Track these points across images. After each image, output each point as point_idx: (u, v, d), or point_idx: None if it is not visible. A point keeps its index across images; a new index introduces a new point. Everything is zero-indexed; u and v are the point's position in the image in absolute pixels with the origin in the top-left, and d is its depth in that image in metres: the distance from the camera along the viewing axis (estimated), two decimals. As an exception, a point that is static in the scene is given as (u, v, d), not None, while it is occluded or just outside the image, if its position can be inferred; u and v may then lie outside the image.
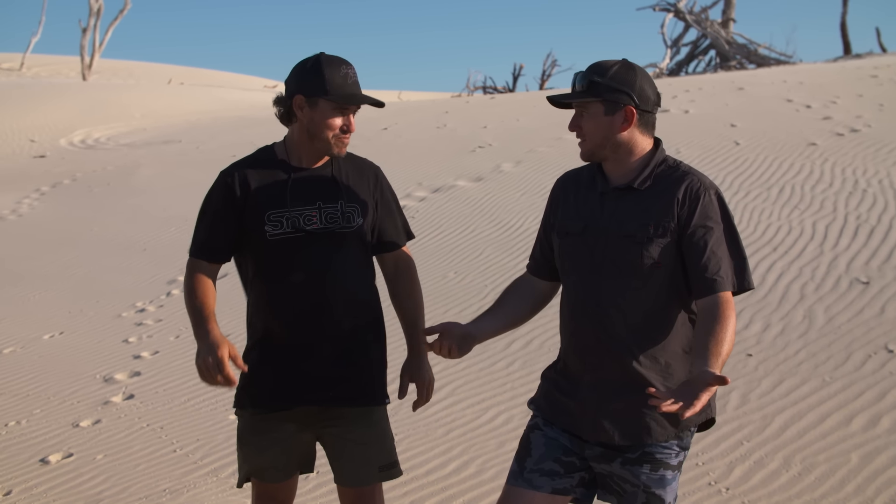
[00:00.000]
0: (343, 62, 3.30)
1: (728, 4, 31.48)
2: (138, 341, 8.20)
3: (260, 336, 3.40)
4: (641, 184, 3.01)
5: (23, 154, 19.89)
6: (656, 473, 3.01)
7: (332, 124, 3.28)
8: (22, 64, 42.68)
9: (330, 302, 3.32)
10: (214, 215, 3.38)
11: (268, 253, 3.33)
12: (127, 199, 14.52)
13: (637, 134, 3.03)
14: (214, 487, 5.29)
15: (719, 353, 2.75)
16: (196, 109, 25.78)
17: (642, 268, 2.95)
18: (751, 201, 9.59)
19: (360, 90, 3.32)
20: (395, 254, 3.53)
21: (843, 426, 5.37)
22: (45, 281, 10.66)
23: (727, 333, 2.80)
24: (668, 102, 16.00)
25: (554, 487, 3.09)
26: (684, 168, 3.05)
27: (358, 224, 3.36)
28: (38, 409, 6.73)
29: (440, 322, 3.27)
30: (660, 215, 2.96)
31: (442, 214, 10.91)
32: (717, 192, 3.00)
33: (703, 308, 2.91)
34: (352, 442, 3.38)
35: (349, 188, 3.38)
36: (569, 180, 3.26)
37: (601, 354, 3.02)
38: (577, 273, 3.08)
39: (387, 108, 3.64)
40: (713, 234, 2.93)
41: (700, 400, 2.63)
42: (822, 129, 12.50)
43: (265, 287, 3.37)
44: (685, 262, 2.96)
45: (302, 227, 3.30)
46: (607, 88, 2.97)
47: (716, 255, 2.92)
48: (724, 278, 2.90)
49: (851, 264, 7.69)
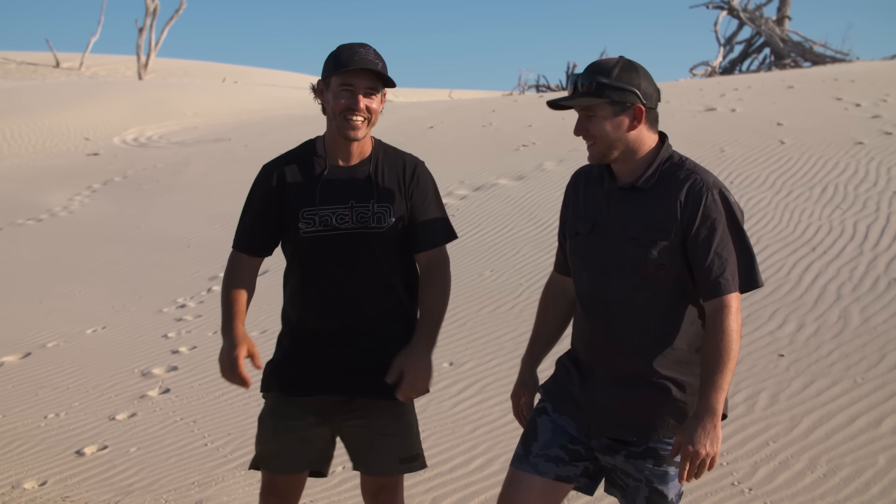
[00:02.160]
0: (360, 44, 3.31)
1: (783, 2, 31.06)
2: (177, 336, 8.33)
3: (293, 325, 3.46)
4: (646, 183, 3.01)
5: (77, 152, 20.24)
6: (660, 468, 3.02)
7: (339, 102, 3.29)
8: (81, 63, 43.41)
9: (360, 299, 3.36)
10: (255, 210, 3.45)
11: (302, 248, 3.39)
12: (174, 197, 14.74)
13: (644, 131, 3.02)
14: (242, 481, 5.36)
15: (717, 386, 2.85)
16: (248, 108, 26.06)
17: (648, 269, 2.96)
18: (792, 200, 9.48)
19: (370, 65, 3.26)
20: (429, 252, 3.46)
21: (872, 428, 5.30)
22: (90, 276, 10.86)
23: (728, 350, 2.87)
24: (715, 101, 15.86)
25: (558, 474, 3.13)
26: (689, 166, 3.03)
27: (389, 223, 3.36)
28: (76, 401, 6.87)
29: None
30: (663, 218, 2.96)
31: (482, 213, 10.93)
32: (720, 190, 2.98)
33: (709, 314, 2.93)
34: (376, 432, 3.42)
35: (382, 187, 3.38)
36: (580, 176, 3.27)
37: (609, 351, 3.05)
38: (587, 272, 3.10)
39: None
40: (717, 235, 2.92)
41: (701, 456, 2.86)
42: (871, 127, 12.31)
43: (299, 281, 3.43)
44: (690, 262, 2.95)
45: (334, 225, 3.33)
46: (614, 88, 2.95)
47: (720, 256, 2.91)
48: (730, 280, 2.90)
49: (891, 264, 7.58)
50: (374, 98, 3.32)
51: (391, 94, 34.24)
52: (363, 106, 3.29)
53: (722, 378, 2.84)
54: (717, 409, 2.84)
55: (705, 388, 2.86)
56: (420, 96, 36.35)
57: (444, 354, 7.01)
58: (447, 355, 7.01)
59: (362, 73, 3.27)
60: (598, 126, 2.99)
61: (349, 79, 3.27)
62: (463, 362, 6.88)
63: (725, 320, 2.88)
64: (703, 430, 2.84)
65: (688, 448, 2.84)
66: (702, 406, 2.86)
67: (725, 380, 2.85)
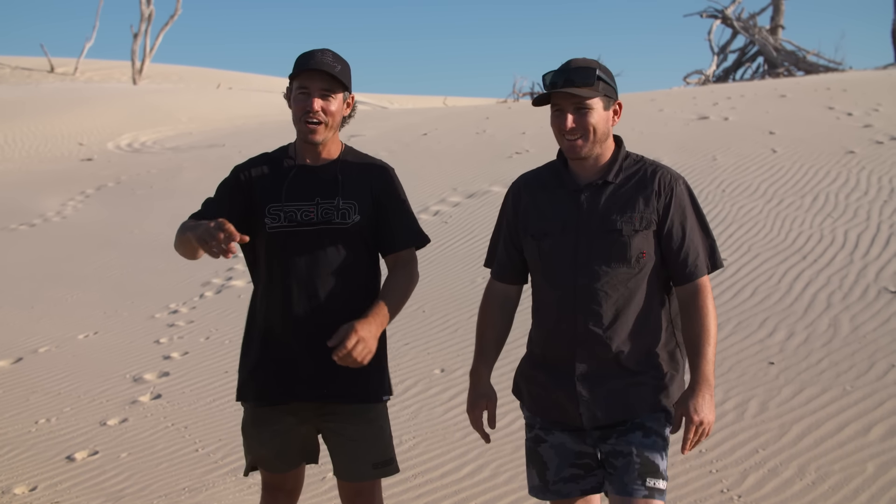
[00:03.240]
0: (320, 50, 3.36)
1: (777, 11, 31.15)
2: (169, 342, 8.33)
3: (259, 329, 3.46)
4: (615, 177, 3.15)
5: (71, 158, 20.24)
6: (648, 439, 3.11)
7: (297, 107, 3.35)
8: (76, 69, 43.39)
9: (326, 297, 3.36)
10: (219, 202, 3.45)
11: (267, 245, 3.41)
12: (168, 202, 14.73)
13: (612, 129, 3.20)
14: (233, 487, 5.37)
15: (708, 359, 3.07)
16: (242, 114, 26.07)
17: (629, 258, 3.09)
18: (784, 209, 9.52)
19: (323, 66, 3.29)
20: (397, 254, 3.50)
21: (860, 435, 5.32)
22: (83, 281, 10.86)
23: (711, 326, 3.09)
24: (708, 109, 15.89)
25: (582, 489, 3.22)
26: (650, 161, 3.22)
27: (354, 220, 3.39)
28: (67, 407, 6.87)
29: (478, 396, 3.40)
30: (641, 208, 3.10)
31: (475, 220, 10.95)
32: (684, 181, 3.21)
33: (686, 298, 3.13)
34: (346, 438, 3.44)
35: (349, 186, 3.42)
36: (529, 183, 3.33)
37: (589, 343, 3.12)
38: (563, 269, 3.15)
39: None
40: (688, 223, 3.14)
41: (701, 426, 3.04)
42: (862, 136, 12.35)
43: (264, 279, 3.45)
44: (664, 251, 3.13)
45: (299, 220, 3.36)
46: (607, 84, 3.11)
47: (693, 242, 3.13)
48: (702, 264, 3.13)
49: (881, 273, 7.61)
50: (330, 100, 3.35)
51: (385, 100, 34.26)
52: (318, 108, 3.32)
53: (710, 350, 3.06)
54: (710, 378, 3.05)
55: (697, 361, 3.06)
56: (414, 103, 36.40)
57: (435, 361, 7.02)
58: (438, 362, 7.02)
59: (315, 74, 3.31)
60: (595, 119, 3.10)
61: (304, 81, 3.33)
62: (454, 369, 6.89)
63: (705, 300, 3.10)
64: (703, 399, 3.03)
65: (692, 417, 3.01)
66: (696, 377, 3.05)
67: (713, 351, 3.06)
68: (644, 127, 14.19)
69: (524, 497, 4.97)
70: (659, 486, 3.08)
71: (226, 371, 7.24)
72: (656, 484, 3.08)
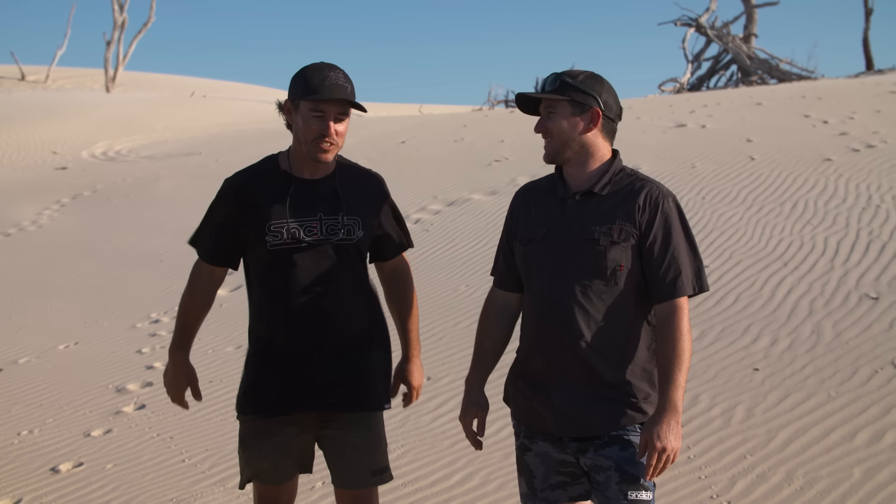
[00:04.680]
0: (329, 66, 3.33)
1: (750, 19, 31.39)
2: (151, 352, 8.28)
3: (261, 343, 3.47)
4: (602, 189, 3.14)
5: (45, 166, 20.10)
6: (626, 451, 3.10)
7: (310, 129, 3.31)
8: (47, 76, 43.03)
9: (329, 311, 3.38)
10: (218, 225, 3.48)
11: (269, 262, 3.40)
12: (145, 211, 14.65)
13: (600, 139, 3.17)
14: (221, 497, 5.34)
15: (677, 384, 2.99)
16: (218, 122, 25.98)
17: (605, 270, 3.07)
18: (763, 216, 9.59)
19: (341, 92, 3.28)
20: (395, 260, 3.61)
21: (846, 441, 5.36)
22: (62, 292, 10.77)
23: (684, 351, 3.02)
24: (685, 117, 16.00)
25: (570, 496, 3.21)
26: (642, 177, 3.19)
27: (358, 237, 3.41)
28: (50, 418, 6.81)
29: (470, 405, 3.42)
30: (622, 220, 3.08)
31: (456, 228, 10.96)
32: (674, 199, 3.15)
33: (662, 317, 3.07)
34: (349, 445, 3.45)
35: (351, 200, 3.42)
36: (528, 191, 3.35)
37: (565, 355, 3.11)
38: (541, 276, 3.17)
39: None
40: (672, 241, 3.08)
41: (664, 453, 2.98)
42: (839, 144, 12.47)
43: (266, 296, 3.44)
44: (644, 266, 3.10)
45: (302, 238, 3.36)
46: (576, 89, 3.11)
47: (676, 260, 3.07)
48: (685, 283, 3.07)
49: (861, 280, 7.68)
50: (344, 121, 3.35)
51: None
52: (333, 132, 3.31)
53: (681, 375, 2.99)
54: (678, 405, 2.98)
55: (665, 386, 3.00)
56: (390, 111, 36.37)
57: (421, 369, 7.00)
58: (425, 370, 6.99)
59: (334, 99, 3.29)
60: (556, 123, 3.13)
61: (320, 105, 3.29)
62: (440, 377, 6.89)
63: (680, 322, 3.03)
64: (668, 426, 2.96)
65: (655, 444, 2.95)
66: (663, 403, 2.99)
67: (683, 377, 3.00)
68: (621, 135, 14.06)
69: (515, 505, 4.98)
70: (642, 497, 3.08)
71: (210, 381, 7.20)
72: (638, 496, 3.08)
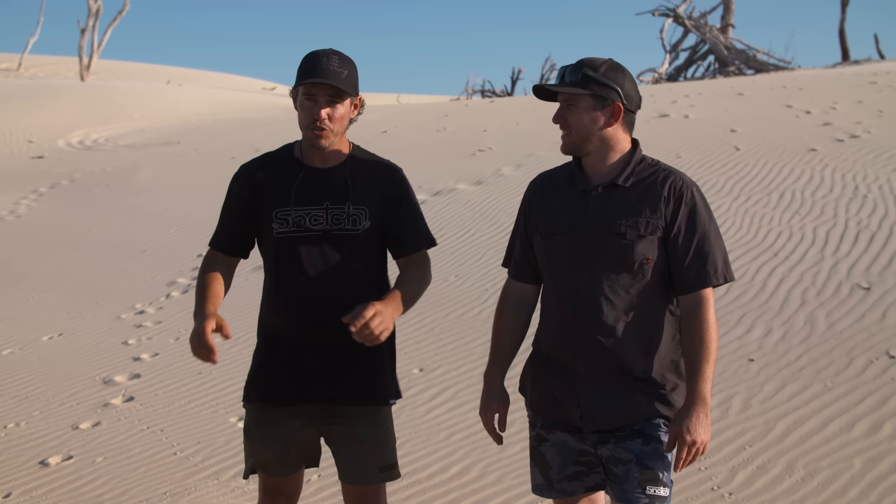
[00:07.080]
0: (326, 52, 3.28)
1: (727, 10, 31.46)
2: (138, 343, 8.18)
3: (269, 331, 3.43)
4: (625, 181, 3.10)
5: (21, 155, 19.85)
6: (648, 446, 3.06)
7: (303, 114, 3.29)
8: (20, 64, 42.60)
9: (335, 302, 3.30)
10: (231, 211, 3.46)
11: (276, 250, 3.36)
12: (126, 201, 14.50)
13: (620, 132, 3.12)
14: (215, 490, 5.27)
15: (705, 377, 2.97)
16: (195, 111, 25.76)
17: (632, 264, 3.04)
18: (751, 206, 9.59)
19: (327, 76, 3.21)
20: (407, 257, 3.47)
21: (845, 431, 5.36)
22: (43, 282, 10.64)
23: (712, 342, 3.00)
24: (667, 107, 16.01)
25: (587, 486, 3.19)
26: (664, 167, 3.16)
27: (365, 227, 3.34)
28: (37, 411, 6.71)
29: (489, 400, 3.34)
30: (647, 213, 3.05)
31: (442, 218, 10.89)
32: (697, 188, 3.13)
33: (688, 308, 3.05)
34: (356, 441, 3.39)
35: (359, 190, 3.36)
36: (545, 182, 3.30)
37: (593, 348, 3.08)
38: (567, 270, 3.12)
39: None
40: (698, 231, 3.05)
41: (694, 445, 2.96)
42: (822, 134, 12.50)
43: (274, 283, 3.40)
44: (670, 257, 3.06)
45: (307, 226, 3.30)
46: (598, 83, 3.05)
47: (702, 250, 3.04)
48: (712, 273, 3.04)
49: (852, 270, 7.69)
50: (337, 107, 3.28)
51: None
52: (324, 116, 3.26)
53: (709, 368, 2.98)
54: (707, 398, 2.96)
55: (693, 378, 2.98)
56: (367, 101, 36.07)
57: (413, 360, 6.96)
58: (416, 361, 6.96)
59: (319, 83, 3.24)
60: (577, 117, 3.08)
61: (310, 89, 3.26)
62: (433, 368, 6.84)
63: (707, 313, 3.02)
64: (697, 419, 2.95)
65: (684, 437, 2.94)
66: (692, 396, 2.97)
67: (711, 369, 2.97)
68: (605, 125, 14.14)
69: (514, 497, 4.95)
70: (660, 493, 3.05)
71: (199, 372, 7.12)
72: (657, 491, 3.05)
